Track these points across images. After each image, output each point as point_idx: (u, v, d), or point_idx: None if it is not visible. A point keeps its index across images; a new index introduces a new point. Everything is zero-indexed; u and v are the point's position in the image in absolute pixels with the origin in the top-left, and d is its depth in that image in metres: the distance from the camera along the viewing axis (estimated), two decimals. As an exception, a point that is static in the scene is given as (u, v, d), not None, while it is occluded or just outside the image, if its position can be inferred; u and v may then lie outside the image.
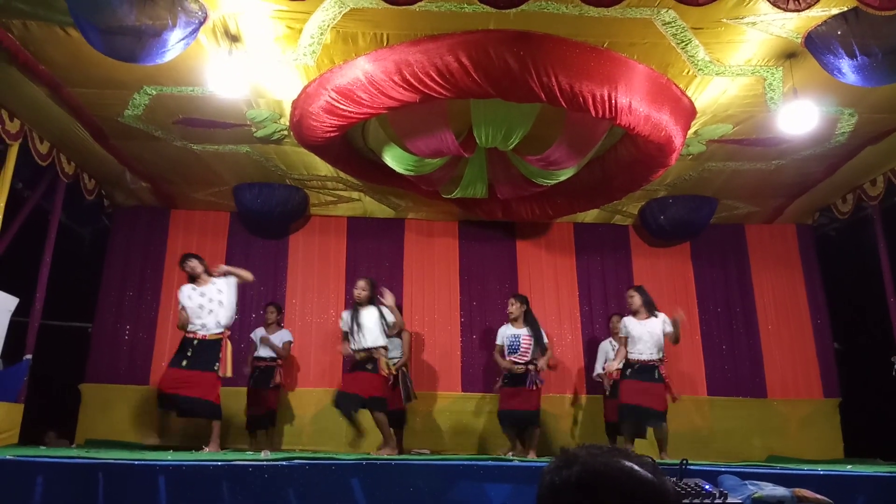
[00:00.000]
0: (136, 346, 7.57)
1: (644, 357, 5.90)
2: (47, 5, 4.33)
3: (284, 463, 3.59)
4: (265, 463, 3.58)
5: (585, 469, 1.11)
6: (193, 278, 5.89)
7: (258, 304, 7.65)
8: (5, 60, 4.89)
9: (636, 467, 1.10)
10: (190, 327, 5.73)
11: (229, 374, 5.78)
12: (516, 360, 6.28)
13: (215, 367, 5.65)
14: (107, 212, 8.08)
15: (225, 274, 5.94)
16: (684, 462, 3.08)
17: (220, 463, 3.54)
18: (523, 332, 6.36)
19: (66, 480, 3.39)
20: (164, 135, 6.24)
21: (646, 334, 5.93)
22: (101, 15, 4.05)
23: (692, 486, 2.82)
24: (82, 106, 5.68)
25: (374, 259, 8.13)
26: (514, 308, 6.43)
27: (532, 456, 6.09)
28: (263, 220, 7.86)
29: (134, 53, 4.31)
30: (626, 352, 6.01)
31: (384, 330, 5.93)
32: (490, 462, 3.89)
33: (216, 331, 5.75)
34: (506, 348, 6.38)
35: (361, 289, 6.02)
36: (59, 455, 3.80)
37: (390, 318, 5.97)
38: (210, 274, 5.94)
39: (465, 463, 3.82)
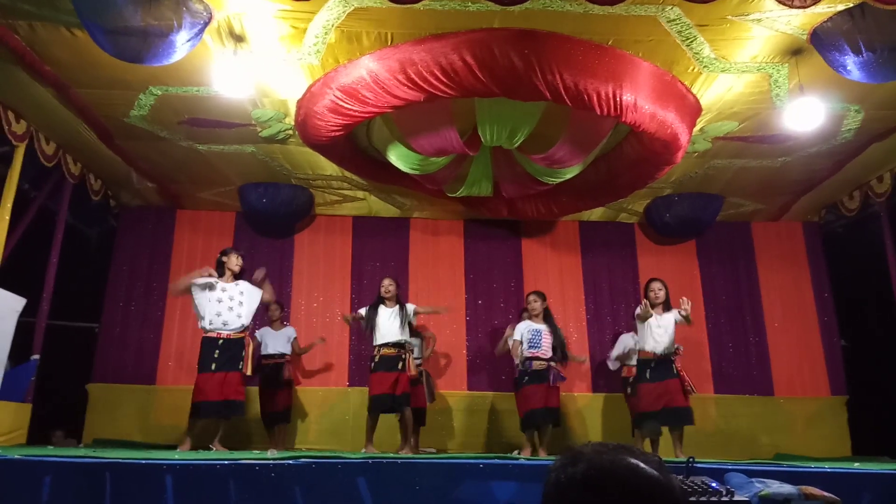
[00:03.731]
0: (143, 345, 7.59)
1: (660, 351, 5.88)
2: (53, 6, 4.35)
3: (291, 462, 3.60)
4: (272, 462, 3.59)
5: (591, 466, 1.10)
6: (220, 273, 5.93)
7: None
8: (11, 61, 4.91)
9: (642, 465, 1.10)
10: (210, 327, 5.74)
11: (249, 372, 5.85)
12: (539, 355, 6.20)
13: (240, 367, 5.72)
14: (113, 212, 8.12)
15: (262, 281, 6.05)
16: (691, 460, 3.07)
17: (226, 462, 3.54)
18: (544, 328, 6.30)
19: (73, 480, 3.40)
20: (169, 135, 6.26)
21: (661, 328, 5.92)
22: (107, 16, 4.07)
23: (699, 483, 2.81)
24: (88, 106, 5.70)
25: (380, 258, 8.14)
26: (538, 305, 6.38)
27: (543, 454, 6.05)
28: (269, 220, 7.88)
29: (140, 54, 4.32)
30: (639, 348, 6.08)
31: (408, 328, 6.14)
32: (496, 460, 3.89)
33: (239, 329, 5.81)
34: (525, 343, 6.25)
35: (388, 286, 6.23)
36: (67, 454, 3.81)
37: (413, 318, 6.21)
38: (240, 277, 6.02)
39: (471, 461, 3.81)
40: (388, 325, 6.08)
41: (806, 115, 5.09)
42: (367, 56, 4.80)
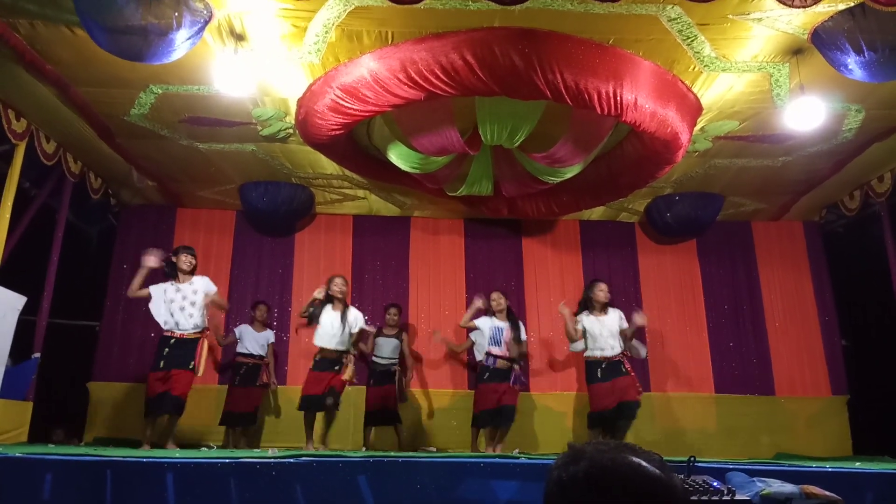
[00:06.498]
0: (143, 344, 7.56)
1: (608, 353, 5.99)
2: (54, 5, 4.34)
3: (292, 460, 3.60)
4: (272, 460, 3.59)
5: (593, 465, 1.10)
6: (175, 275, 5.96)
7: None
8: (12, 60, 4.90)
9: (644, 463, 1.10)
10: (166, 327, 5.83)
11: (200, 373, 5.84)
12: (499, 354, 6.37)
13: (191, 366, 5.73)
14: (113, 210, 8.11)
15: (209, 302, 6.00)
16: (692, 459, 3.07)
17: (227, 460, 3.55)
18: (505, 325, 6.49)
19: (74, 478, 3.41)
20: (170, 133, 6.26)
21: (605, 330, 6.04)
22: (108, 14, 4.06)
23: (700, 482, 2.81)
24: (89, 105, 5.69)
25: (380, 257, 8.14)
26: (503, 301, 6.59)
27: (500, 450, 6.17)
28: (269, 219, 7.87)
29: (140, 53, 4.31)
30: (586, 350, 6.16)
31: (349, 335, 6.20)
32: (496, 459, 3.90)
33: (192, 330, 5.83)
34: (489, 339, 6.47)
35: (341, 285, 6.31)
36: (68, 453, 3.81)
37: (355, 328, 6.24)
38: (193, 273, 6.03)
39: (472, 460, 3.82)
40: (328, 329, 6.10)
41: (807, 114, 5.08)
42: (367, 55, 4.80)
